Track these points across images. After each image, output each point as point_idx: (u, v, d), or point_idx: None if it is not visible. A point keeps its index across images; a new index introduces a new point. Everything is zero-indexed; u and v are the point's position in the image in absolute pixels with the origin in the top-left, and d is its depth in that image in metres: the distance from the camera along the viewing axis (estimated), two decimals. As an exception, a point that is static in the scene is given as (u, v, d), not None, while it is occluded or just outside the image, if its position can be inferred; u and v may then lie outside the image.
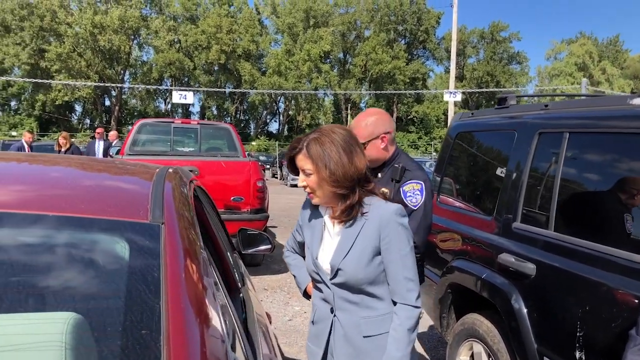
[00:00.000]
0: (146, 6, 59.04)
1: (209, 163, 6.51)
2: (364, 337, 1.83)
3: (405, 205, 2.52)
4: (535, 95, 4.22)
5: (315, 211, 1.98)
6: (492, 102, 53.62)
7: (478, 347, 3.12)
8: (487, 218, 3.21)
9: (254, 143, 54.12)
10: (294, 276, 2.21)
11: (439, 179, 4.00)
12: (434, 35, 65.66)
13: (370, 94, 60.89)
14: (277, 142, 54.33)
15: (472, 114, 3.80)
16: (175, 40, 58.65)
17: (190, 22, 58.21)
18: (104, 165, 1.95)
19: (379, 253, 1.82)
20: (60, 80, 50.76)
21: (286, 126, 67.96)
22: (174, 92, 20.76)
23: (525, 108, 3.18)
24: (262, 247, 3.09)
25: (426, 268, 3.84)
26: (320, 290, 1.95)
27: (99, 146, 11.43)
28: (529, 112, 3.08)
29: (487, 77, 64.55)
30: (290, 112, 64.03)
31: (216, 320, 1.02)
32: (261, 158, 37.17)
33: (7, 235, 1.08)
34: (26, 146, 11.52)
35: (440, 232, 3.71)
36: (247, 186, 6.43)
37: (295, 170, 1.89)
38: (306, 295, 2.18)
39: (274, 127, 70.54)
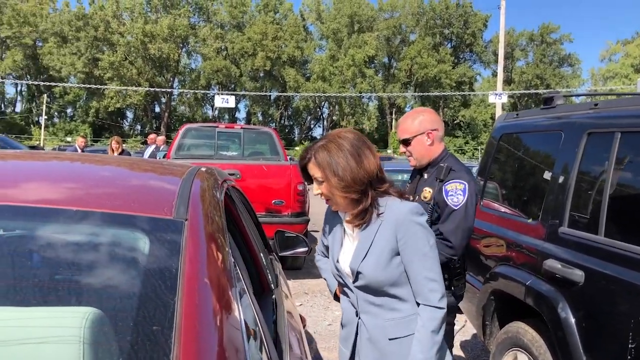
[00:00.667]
0: (194, 15, 60.67)
1: (251, 166, 6.57)
2: (390, 339, 1.80)
3: (445, 205, 2.48)
4: (584, 94, 4.03)
5: (335, 216, 1.98)
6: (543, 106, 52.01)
7: (522, 357, 2.99)
8: (532, 223, 3.07)
9: (297, 148, 54.51)
10: (325, 279, 2.19)
11: (482, 182, 3.88)
12: (481, 38, 64.50)
13: (414, 96, 60.26)
14: (321, 147, 54.59)
15: (517, 114, 3.66)
16: (222, 47, 59.93)
17: (237, 29, 59.36)
18: (139, 164, 1.98)
19: (398, 254, 1.79)
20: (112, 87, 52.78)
21: (330, 131, 68.12)
22: (216, 97, 21.20)
23: (573, 107, 3.03)
24: (299, 250, 3.08)
25: (468, 274, 3.73)
26: (345, 293, 1.96)
27: (149, 151, 11.81)
28: (576, 112, 2.94)
29: (537, 80, 62.75)
30: (334, 117, 64.17)
31: (235, 318, 1.01)
32: (305, 163, 37.35)
33: (30, 229, 1.10)
34: (79, 150, 11.98)
35: (483, 237, 3.59)
36: (288, 189, 6.44)
37: (309, 178, 1.88)
38: (337, 298, 2.15)
39: (318, 132, 70.96)
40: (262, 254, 2.16)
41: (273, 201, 6.40)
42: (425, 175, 2.72)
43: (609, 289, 2.36)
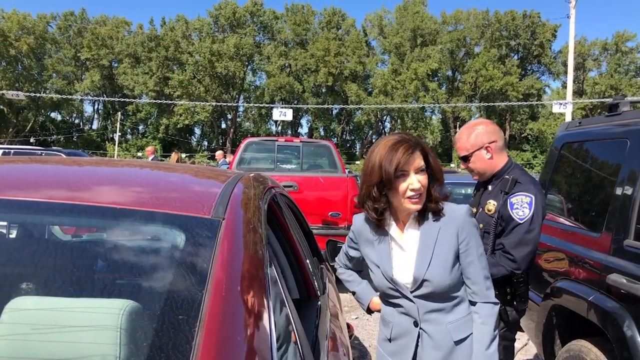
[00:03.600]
0: (259, 33, 62.41)
1: (308, 179, 6.65)
2: (455, 342, 1.79)
3: (511, 218, 2.42)
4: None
5: (374, 227, 1.87)
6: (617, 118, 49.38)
7: (586, 378, 2.83)
8: (595, 235, 2.92)
9: (358, 162, 54.50)
10: (353, 293, 2.16)
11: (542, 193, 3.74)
12: (550, 49, 62.23)
13: (480, 109, 58.88)
14: (382, 162, 54.29)
15: (580, 122, 3.51)
16: (286, 64, 61.22)
17: (300, 46, 60.49)
18: (191, 170, 2.07)
19: (458, 256, 1.79)
20: (182, 105, 55.10)
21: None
22: (274, 110, 21.68)
23: (638, 114, 2.88)
24: (349, 260, 3.06)
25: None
26: (398, 305, 1.87)
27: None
28: (643, 119, 2.79)
29: (611, 91, 59.60)
30: (396, 131, 63.70)
31: (263, 316, 1.04)
32: (366, 177, 37.29)
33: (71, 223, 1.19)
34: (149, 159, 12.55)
35: (543, 250, 3.44)
36: (345, 202, 6.46)
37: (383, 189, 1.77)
38: (369, 311, 2.12)
39: (380, 147, 70.61)
40: (308, 260, 2.18)
41: (330, 213, 6.44)
42: (490, 188, 2.66)
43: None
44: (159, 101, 47.58)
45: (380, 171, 1.71)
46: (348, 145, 68.66)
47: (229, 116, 63.63)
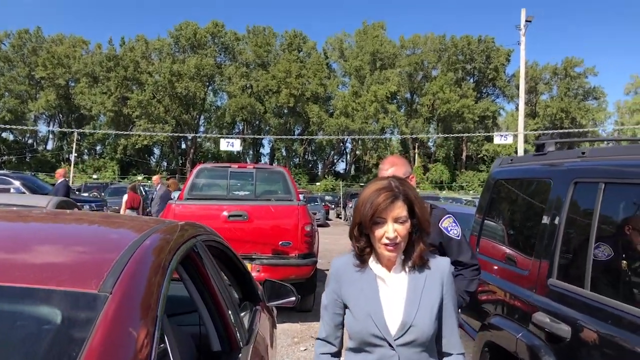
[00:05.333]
0: (220, 54, 62.33)
1: (258, 207, 6.59)
2: None
3: (451, 239, 2.70)
4: (578, 141, 3.99)
5: (359, 266, 1.80)
6: (570, 140, 51.25)
7: (517, 414, 2.87)
8: (523, 272, 3.00)
9: (318, 184, 54.66)
10: None
11: (480, 219, 3.83)
12: (504, 72, 64.49)
13: (437, 131, 60.18)
14: (343, 182, 54.60)
15: (512, 160, 3.63)
16: (247, 85, 61.25)
17: (262, 67, 60.68)
18: (99, 222, 2.01)
19: (441, 306, 1.78)
20: (140, 125, 54.22)
21: (353, 166, 68.29)
22: (221, 140, 21.59)
23: (562, 155, 2.99)
24: (286, 300, 3.05)
25: (464, 322, 3.64)
26: (374, 355, 1.76)
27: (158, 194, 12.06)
28: (565, 160, 2.90)
29: (562, 113, 62.16)
30: (357, 152, 64.35)
31: None
32: (327, 198, 37.27)
33: None
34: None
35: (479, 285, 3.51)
36: (295, 231, 6.42)
37: (362, 234, 1.75)
38: None
39: (341, 167, 71.18)
40: (231, 311, 2.14)
41: (280, 242, 6.39)
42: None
43: (595, 347, 2.27)
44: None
45: (360, 212, 1.71)
46: (310, 165, 68.87)
47: (189, 137, 62.97)
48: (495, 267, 3.45)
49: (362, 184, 52.56)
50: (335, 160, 70.39)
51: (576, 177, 2.68)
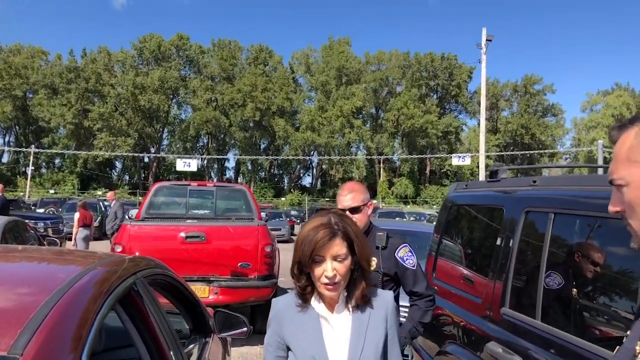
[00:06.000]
0: (185, 67, 61.77)
1: (216, 228, 6.45)
2: None
3: (406, 269, 2.68)
4: (529, 167, 4.04)
5: (301, 305, 1.74)
6: (528, 155, 52.81)
7: None
8: (477, 300, 2.99)
9: (283, 199, 54.45)
10: None
11: (437, 238, 3.82)
12: (466, 89, 66.03)
13: (402, 146, 60.97)
14: (309, 196, 54.59)
15: (466, 185, 3.64)
16: (212, 98, 60.81)
17: (227, 81, 60.38)
18: (30, 261, 1.88)
19: (386, 342, 1.73)
20: (102, 138, 53.02)
21: (319, 180, 68.41)
22: (177, 160, 21.30)
23: (514, 183, 3.01)
24: (237, 331, 2.96)
25: (421, 347, 3.61)
26: None
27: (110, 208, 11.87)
28: (517, 188, 2.91)
29: (522, 129, 63.93)
30: (323, 167, 64.54)
31: None
32: (292, 212, 37.12)
33: None
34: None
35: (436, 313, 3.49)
36: (255, 252, 6.31)
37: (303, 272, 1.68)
38: None
39: (307, 181, 71.20)
40: (173, 352, 2.03)
41: (239, 264, 6.26)
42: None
43: (545, 380, 2.26)
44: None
45: (299, 250, 1.64)
46: (276, 179, 68.62)
47: (152, 150, 61.94)
48: (452, 293, 3.44)
49: (328, 199, 52.68)
50: (301, 175, 70.40)
51: (527, 206, 2.70)
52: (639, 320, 1.06)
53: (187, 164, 21.05)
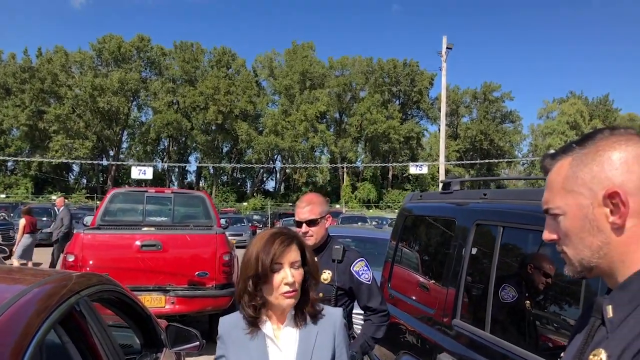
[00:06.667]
0: (146, 69, 60.62)
1: (173, 237, 6.32)
2: None
3: (361, 283, 2.64)
4: (481, 179, 4.13)
5: (249, 327, 1.70)
6: (487, 161, 54.10)
7: None
8: (430, 311, 3.03)
9: (245, 203, 54.04)
10: None
11: (393, 247, 3.85)
12: (428, 95, 67.15)
13: (365, 150, 61.46)
14: (272, 200, 54.35)
15: (421, 196, 3.69)
16: (174, 101, 59.87)
17: (189, 84, 59.57)
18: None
19: (333, 358, 1.73)
20: (58, 140, 51.46)
21: (283, 184, 68.22)
22: (132, 168, 20.75)
23: (466, 195, 3.07)
24: (190, 345, 2.91)
25: (376, 356, 3.63)
26: None
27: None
28: (469, 200, 2.97)
29: (481, 135, 65.42)
30: (287, 171, 64.43)
31: None
32: (255, 217, 36.88)
33: None
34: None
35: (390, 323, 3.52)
36: (213, 260, 6.21)
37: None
38: None
39: (270, 185, 70.85)
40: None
41: (196, 273, 6.15)
42: (316, 259, 2.69)
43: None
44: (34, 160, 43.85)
45: (256, 263, 1.62)
46: (239, 183, 68.06)
47: (111, 153, 60.50)
48: (406, 303, 3.47)
49: (292, 203, 52.53)
50: (264, 179, 70.03)
51: (478, 219, 2.75)
52: (575, 341, 1.08)
53: (143, 172, 20.48)
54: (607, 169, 0.93)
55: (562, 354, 1.17)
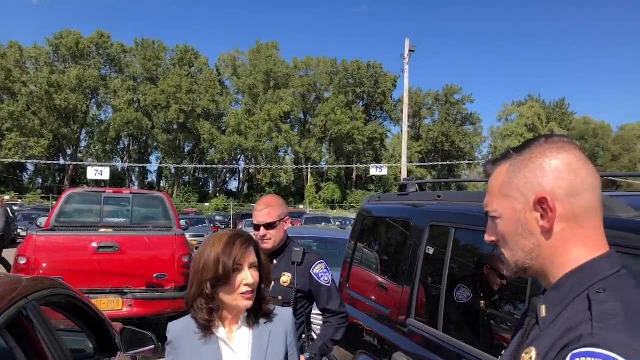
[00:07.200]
0: (105, 66, 59.18)
1: (131, 238, 6.20)
2: None
3: (321, 286, 2.63)
4: (436, 181, 4.22)
5: (201, 331, 1.68)
6: (448, 162, 55.15)
7: None
8: (386, 310, 3.08)
9: (207, 204, 53.40)
10: None
11: (352, 247, 3.89)
12: (391, 97, 67.91)
13: (329, 151, 61.66)
14: (235, 201, 53.85)
15: (379, 197, 3.74)
16: (135, 99, 58.65)
17: (150, 82, 58.47)
18: None
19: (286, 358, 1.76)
20: (11, 138, 49.72)
21: (246, 184, 67.74)
22: (89, 168, 20.24)
23: (421, 197, 3.13)
24: (145, 349, 2.88)
25: (335, 357, 3.66)
26: None
27: None
28: (424, 202, 3.03)
29: (442, 137, 66.60)
30: (250, 171, 64.01)
31: None
32: (217, 218, 36.46)
33: None
34: None
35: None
36: (172, 262, 6.13)
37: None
38: None
39: (233, 185, 70.24)
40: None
41: (155, 275, 6.06)
42: (275, 261, 2.69)
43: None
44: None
45: (216, 266, 1.61)
46: (201, 184, 67.20)
47: (69, 152, 58.77)
48: (364, 303, 3.52)
49: (255, 204, 52.18)
50: (227, 179, 69.38)
51: (432, 220, 2.81)
52: (514, 339, 1.13)
53: (99, 172, 19.90)
54: (538, 175, 0.97)
55: (502, 352, 1.22)
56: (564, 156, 0.97)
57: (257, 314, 1.73)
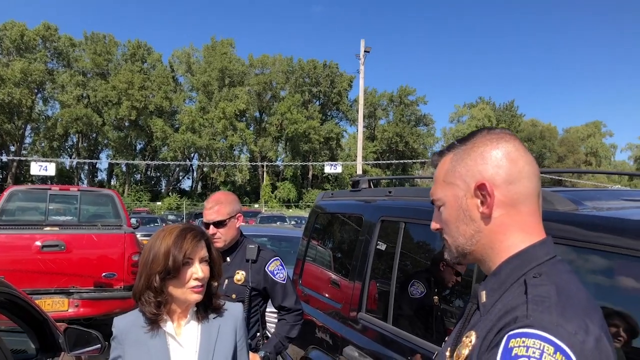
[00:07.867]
0: (52, 60, 56.99)
1: (78, 237, 6.02)
2: None
3: (276, 283, 2.63)
4: (387, 178, 4.30)
5: (148, 325, 1.65)
6: (402, 162, 56.01)
7: None
8: (337, 305, 3.10)
9: (160, 203, 52.30)
10: None
11: (305, 244, 3.89)
12: (347, 97, 68.38)
13: (285, 150, 61.53)
14: (189, 200, 52.99)
15: (332, 194, 3.77)
16: (84, 95, 56.75)
17: (101, 77, 56.73)
18: None
19: (235, 353, 1.75)
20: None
21: (200, 183, 66.74)
22: (32, 164, 19.47)
23: (373, 192, 3.17)
24: (91, 348, 2.79)
25: (288, 354, 3.66)
26: None
27: None
28: (375, 197, 3.07)
29: (397, 137, 67.60)
30: (204, 169, 63.07)
31: None
32: (170, 217, 35.76)
33: None
34: None
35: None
36: (121, 261, 5.99)
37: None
38: None
39: (187, 184, 69.01)
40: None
41: (103, 274, 5.90)
42: (229, 259, 2.67)
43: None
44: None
45: (166, 259, 1.59)
46: (153, 182, 65.73)
47: (12, 148, 56.27)
48: (316, 299, 3.53)
49: (209, 202, 51.40)
50: (180, 177, 68.12)
51: (382, 215, 2.85)
52: (457, 325, 1.16)
53: (44, 168, 19.11)
54: (479, 163, 1.00)
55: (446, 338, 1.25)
56: (503, 146, 1.00)
57: (207, 308, 1.73)
